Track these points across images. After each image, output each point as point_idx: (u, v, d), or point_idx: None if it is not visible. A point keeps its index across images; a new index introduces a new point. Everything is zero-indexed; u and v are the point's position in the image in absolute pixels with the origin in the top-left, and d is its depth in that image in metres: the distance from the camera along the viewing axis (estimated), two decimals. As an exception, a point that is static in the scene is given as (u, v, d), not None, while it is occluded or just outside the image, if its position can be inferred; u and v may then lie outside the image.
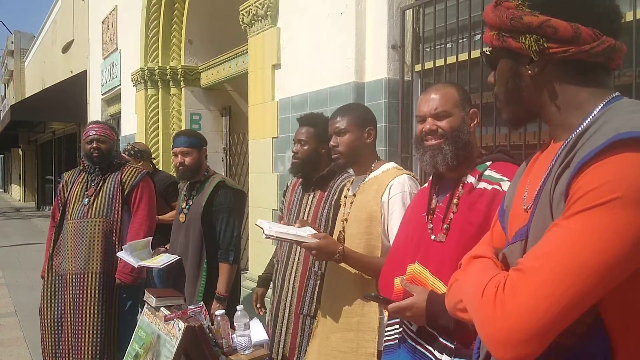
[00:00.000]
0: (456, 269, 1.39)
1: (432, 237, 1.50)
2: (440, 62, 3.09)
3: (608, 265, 0.78)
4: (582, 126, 0.91)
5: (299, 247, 2.37)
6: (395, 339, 1.61)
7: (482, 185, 1.44)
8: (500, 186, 1.41)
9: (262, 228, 1.97)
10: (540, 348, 0.81)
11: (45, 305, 3.23)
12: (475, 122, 1.57)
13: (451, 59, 2.99)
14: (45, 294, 3.24)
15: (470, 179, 1.47)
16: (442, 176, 1.59)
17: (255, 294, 2.80)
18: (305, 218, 2.40)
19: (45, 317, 3.22)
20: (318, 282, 2.34)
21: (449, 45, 3.04)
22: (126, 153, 4.15)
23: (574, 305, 0.79)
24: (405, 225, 1.70)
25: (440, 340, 1.42)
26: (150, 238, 3.08)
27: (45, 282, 3.25)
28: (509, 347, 0.81)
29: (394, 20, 3.24)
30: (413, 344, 1.52)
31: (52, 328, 3.19)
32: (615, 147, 0.79)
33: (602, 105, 0.93)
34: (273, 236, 1.92)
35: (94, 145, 3.22)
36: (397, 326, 1.62)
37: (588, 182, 0.80)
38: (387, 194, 1.92)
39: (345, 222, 2.06)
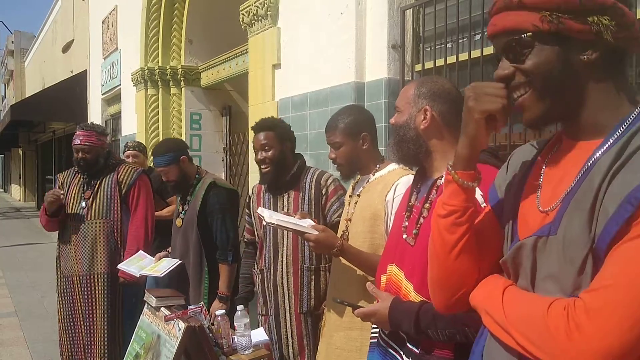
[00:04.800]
0: (426, 272, 1.34)
1: (404, 236, 1.51)
2: (440, 62, 3.08)
3: None
4: (627, 123, 0.85)
5: (283, 250, 2.40)
6: (376, 337, 1.63)
7: None
8: None
9: (262, 216, 1.99)
10: None
11: (59, 305, 3.34)
12: (424, 118, 1.52)
13: (451, 59, 2.98)
14: (58, 294, 3.35)
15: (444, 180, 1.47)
16: (424, 174, 1.58)
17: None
18: None
19: (61, 316, 3.33)
20: (313, 277, 2.36)
21: (449, 45, 3.04)
22: (133, 150, 4.33)
23: None
24: (393, 222, 1.72)
25: (408, 345, 1.43)
26: (141, 252, 3.13)
27: (57, 283, 3.35)
28: None
29: (394, 20, 3.23)
30: (385, 345, 1.54)
31: (66, 327, 3.28)
32: None
33: None
34: (273, 224, 1.94)
35: (80, 156, 3.24)
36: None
37: None
38: (392, 193, 1.92)
39: (349, 221, 2.06)
